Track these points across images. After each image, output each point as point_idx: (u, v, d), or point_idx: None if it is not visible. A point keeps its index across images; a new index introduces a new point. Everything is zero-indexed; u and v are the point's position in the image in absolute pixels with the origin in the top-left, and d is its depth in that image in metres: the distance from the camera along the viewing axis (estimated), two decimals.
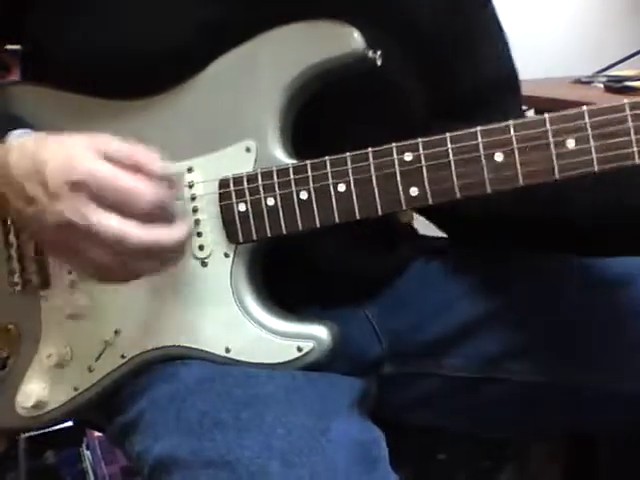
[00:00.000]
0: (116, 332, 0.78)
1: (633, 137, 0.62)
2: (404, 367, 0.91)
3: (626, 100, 0.63)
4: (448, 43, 0.85)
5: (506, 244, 0.89)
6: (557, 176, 0.65)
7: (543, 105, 1.28)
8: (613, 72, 1.46)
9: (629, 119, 0.62)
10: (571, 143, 0.64)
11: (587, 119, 0.64)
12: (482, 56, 0.89)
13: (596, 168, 0.63)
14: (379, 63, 0.73)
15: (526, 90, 1.28)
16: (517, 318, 0.88)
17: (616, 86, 1.28)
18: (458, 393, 0.91)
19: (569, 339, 0.86)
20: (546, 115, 0.65)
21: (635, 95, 1.25)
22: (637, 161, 0.62)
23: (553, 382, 0.87)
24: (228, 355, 0.75)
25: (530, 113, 1.34)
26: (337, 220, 0.71)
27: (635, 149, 0.62)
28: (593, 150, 0.64)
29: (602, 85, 1.33)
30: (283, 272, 0.78)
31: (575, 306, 0.86)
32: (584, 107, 0.64)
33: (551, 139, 0.64)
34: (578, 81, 1.43)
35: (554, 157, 0.64)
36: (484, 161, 0.66)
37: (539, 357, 0.87)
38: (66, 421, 0.84)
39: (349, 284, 0.87)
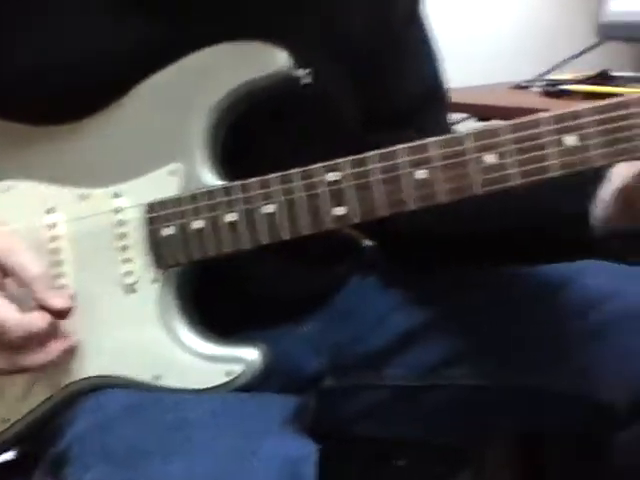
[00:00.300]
0: None
1: (550, 150, 0.63)
2: (345, 380, 0.91)
3: (544, 114, 0.64)
4: (378, 59, 0.86)
5: (436, 257, 0.90)
6: (479, 191, 0.65)
7: (482, 112, 1.30)
8: (552, 76, 1.48)
9: (547, 134, 0.63)
10: (491, 158, 0.64)
11: (507, 134, 0.64)
12: (410, 71, 0.90)
13: (517, 182, 0.64)
14: (308, 81, 0.73)
15: (466, 97, 1.31)
16: (454, 326, 0.89)
17: (552, 90, 1.29)
18: (400, 402, 0.92)
19: (504, 343, 0.87)
20: (465, 132, 0.65)
21: (569, 99, 1.26)
22: (555, 174, 0.63)
23: (492, 386, 0.88)
24: (157, 382, 0.74)
25: (471, 121, 1.36)
26: (266, 241, 0.71)
27: (552, 162, 0.63)
28: (513, 164, 0.64)
29: (540, 90, 1.35)
30: (217, 294, 0.78)
31: (509, 312, 0.87)
32: (504, 122, 0.65)
33: (472, 155, 0.65)
34: (517, 86, 1.44)
35: (475, 173, 0.65)
36: (407, 179, 0.66)
37: (477, 362, 0.88)
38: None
39: (286, 303, 0.86)
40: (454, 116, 1.34)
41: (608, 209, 0.74)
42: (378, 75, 0.86)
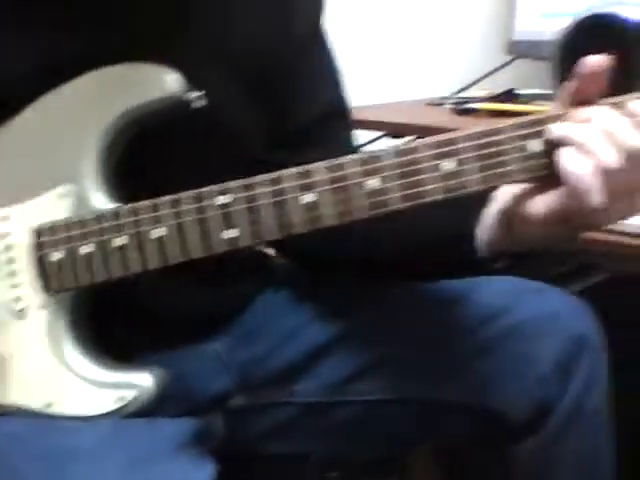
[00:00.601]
0: None
1: (429, 175, 0.64)
2: (255, 398, 0.91)
3: (427, 139, 0.65)
4: (278, 77, 0.86)
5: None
6: (365, 215, 0.66)
7: (396, 129, 1.31)
8: (465, 94, 1.51)
9: (424, 160, 0.64)
10: (376, 182, 0.65)
11: (390, 160, 0.65)
12: (310, 90, 0.90)
13: (400, 206, 0.65)
14: (202, 104, 0.73)
15: (381, 115, 1.32)
16: (359, 341, 0.90)
17: (460, 108, 1.31)
18: (310, 418, 0.92)
19: (404, 358, 0.88)
20: (350, 157, 0.66)
21: (476, 117, 1.29)
22: (435, 199, 0.64)
23: (395, 399, 0.89)
24: (48, 410, 0.73)
25: (385, 139, 1.37)
26: (157, 265, 0.70)
27: (431, 187, 0.64)
28: (394, 189, 0.65)
29: (451, 107, 1.37)
30: (117, 316, 0.77)
31: (408, 327, 0.89)
32: (388, 147, 0.66)
33: (357, 179, 0.65)
34: (431, 103, 1.46)
35: (359, 197, 0.66)
36: (297, 202, 0.67)
37: (380, 377, 0.89)
38: None
39: (191, 322, 0.86)
40: (369, 134, 1.37)
41: (491, 230, 0.76)
42: (278, 94, 0.86)
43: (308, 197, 0.66)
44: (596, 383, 0.87)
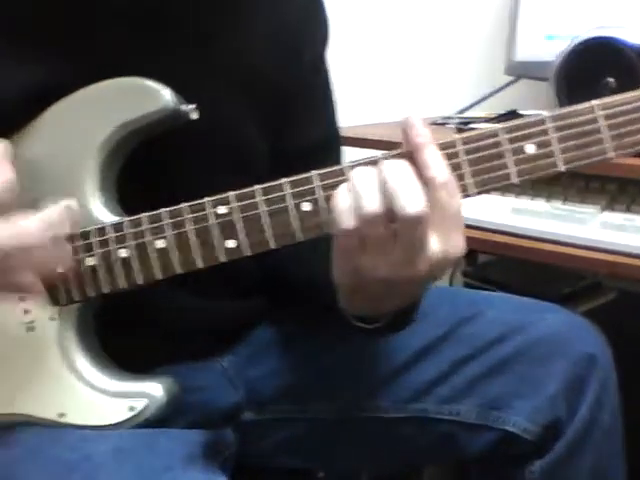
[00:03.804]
0: None
1: None
2: (265, 413, 0.92)
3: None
4: (284, 102, 0.87)
5: None
6: None
7: (392, 148, 1.31)
8: (468, 113, 1.53)
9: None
10: None
11: None
12: (314, 115, 0.92)
13: None
14: (195, 117, 0.74)
15: (380, 133, 1.34)
16: (370, 359, 0.91)
17: (463, 128, 1.33)
18: (323, 434, 0.93)
19: (420, 375, 0.91)
20: (346, 163, 0.68)
21: None
22: None
23: (410, 417, 0.91)
24: (61, 420, 0.74)
25: None
26: (159, 277, 0.72)
27: None
28: None
29: (454, 127, 1.39)
30: (129, 328, 0.79)
31: (425, 344, 0.91)
32: (380, 154, 0.67)
33: None
34: (434, 123, 1.48)
35: None
36: (293, 211, 0.68)
37: (393, 394, 0.91)
38: None
39: (202, 337, 0.87)
40: (370, 153, 1.38)
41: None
42: (280, 117, 0.88)
43: (305, 205, 0.68)
44: (606, 402, 0.88)
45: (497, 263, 1.61)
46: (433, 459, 1.03)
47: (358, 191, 0.64)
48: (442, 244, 0.65)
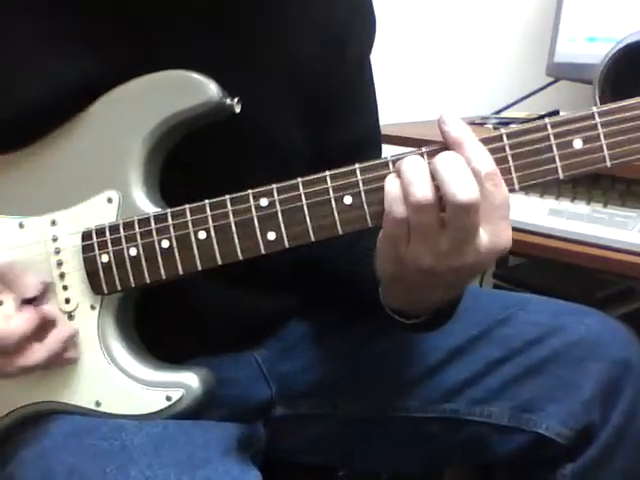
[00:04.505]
0: None
1: None
2: (295, 409, 0.92)
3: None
4: (326, 99, 0.87)
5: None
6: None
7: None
8: (506, 113, 1.52)
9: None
10: None
11: (426, 159, 0.66)
12: (352, 118, 0.92)
13: None
14: (237, 110, 0.74)
15: (419, 132, 1.33)
16: (403, 358, 0.91)
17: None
18: (351, 433, 0.93)
19: (451, 378, 0.90)
20: (388, 157, 0.67)
21: None
22: None
23: (439, 418, 0.90)
24: (98, 409, 0.75)
25: None
26: (200, 267, 0.72)
27: None
28: None
29: (491, 127, 1.38)
30: (165, 320, 0.79)
31: (455, 345, 0.90)
32: (423, 148, 0.67)
33: None
34: (472, 122, 1.47)
35: None
36: (334, 204, 0.68)
37: (424, 396, 0.90)
38: None
39: (236, 330, 0.87)
40: (407, 151, 1.37)
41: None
42: (321, 114, 0.88)
43: (347, 198, 0.68)
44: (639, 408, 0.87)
45: (527, 266, 1.60)
46: (461, 460, 1.03)
47: (409, 178, 0.64)
48: (490, 235, 0.64)
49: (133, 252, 0.73)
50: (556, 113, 1.38)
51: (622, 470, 0.87)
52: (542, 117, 1.33)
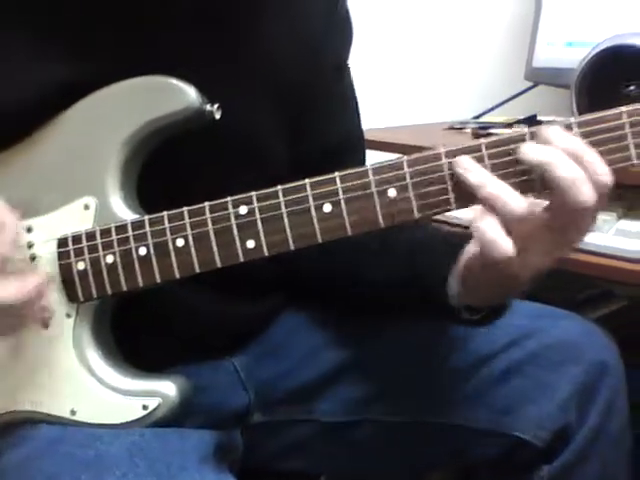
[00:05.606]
0: None
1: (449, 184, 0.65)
2: (273, 415, 0.92)
3: (442, 149, 0.66)
4: (305, 104, 0.87)
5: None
6: (381, 224, 0.67)
7: (409, 152, 1.31)
8: (486, 118, 1.52)
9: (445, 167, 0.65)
10: (392, 192, 0.66)
11: (406, 168, 0.66)
12: (332, 122, 0.91)
13: (416, 216, 0.66)
14: (217, 117, 0.74)
15: (399, 137, 1.33)
16: (381, 365, 0.91)
17: (481, 132, 1.32)
18: (329, 437, 0.92)
19: (426, 381, 0.89)
20: (368, 165, 0.67)
21: None
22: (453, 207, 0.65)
23: (414, 422, 0.90)
24: (73, 417, 0.74)
25: None
26: (177, 275, 0.71)
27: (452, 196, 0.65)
28: (412, 198, 0.66)
29: (470, 131, 1.38)
30: (141, 328, 0.78)
31: (431, 349, 0.90)
32: (404, 157, 0.67)
33: (374, 189, 0.66)
34: (451, 127, 1.47)
35: (377, 206, 0.66)
36: (314, 212, 0.68)
37: (400, 400, 0.90)
38: None
39: (212, 338, 0.87)
40: (386, 156, 1.38)
41: (458, 283, 0.76)
42: (300, 118, 0.87)
43: (326, 207, 0.67)
44: (616, 410, 0.87)
45: None
46: (440, 464, 1.03)
47: (592, 157, 0.64)
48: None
49: (110, 259, 0.72)
50: (534, 117, 1.39)
51: (598, 471, 0.87)
52: (518, 123, 1.36)
